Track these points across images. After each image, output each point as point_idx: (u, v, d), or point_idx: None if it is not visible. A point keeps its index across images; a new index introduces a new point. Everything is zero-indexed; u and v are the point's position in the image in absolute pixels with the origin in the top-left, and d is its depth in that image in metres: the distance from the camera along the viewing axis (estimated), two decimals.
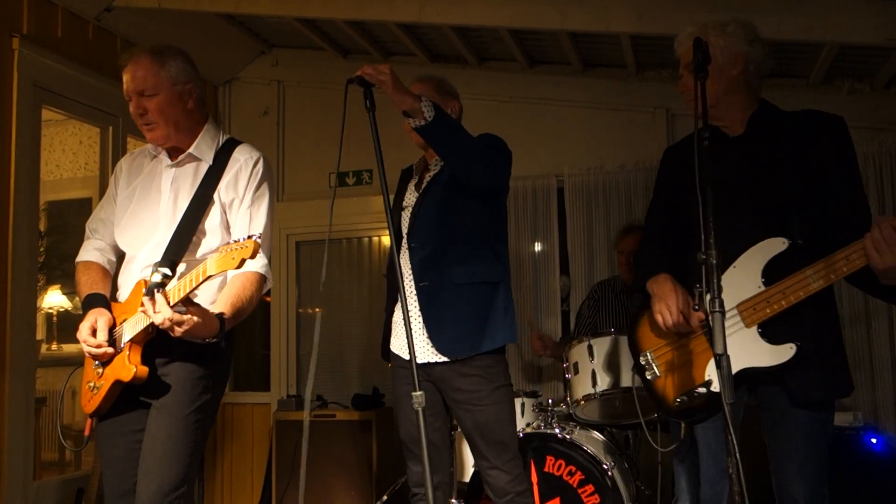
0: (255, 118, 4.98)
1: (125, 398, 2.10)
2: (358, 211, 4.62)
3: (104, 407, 2.12)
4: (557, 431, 3.10)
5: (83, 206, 5.75)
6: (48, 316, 6.06)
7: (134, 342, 2.03)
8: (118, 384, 2.05)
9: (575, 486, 3.02)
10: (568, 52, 4.07)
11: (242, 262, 1.78)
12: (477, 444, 2.42)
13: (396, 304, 2.55)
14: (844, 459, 3.15)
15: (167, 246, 2.10)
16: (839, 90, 3.92)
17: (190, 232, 2.12)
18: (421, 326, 2.42)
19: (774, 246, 1.98)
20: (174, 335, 1.90)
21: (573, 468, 3.03)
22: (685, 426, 2.18)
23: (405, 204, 2.57)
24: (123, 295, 2.19)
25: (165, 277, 1.92)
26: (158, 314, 1.87)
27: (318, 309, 4.94)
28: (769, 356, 1.96)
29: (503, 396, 2.44)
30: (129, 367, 2.00)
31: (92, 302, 2.15)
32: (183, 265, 2.07)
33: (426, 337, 2.41)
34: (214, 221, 2.16)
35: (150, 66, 2.13)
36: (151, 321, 1.92)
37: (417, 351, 2.42)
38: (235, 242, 1.80)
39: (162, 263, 1.98)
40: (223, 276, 2.13)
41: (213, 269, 1.81)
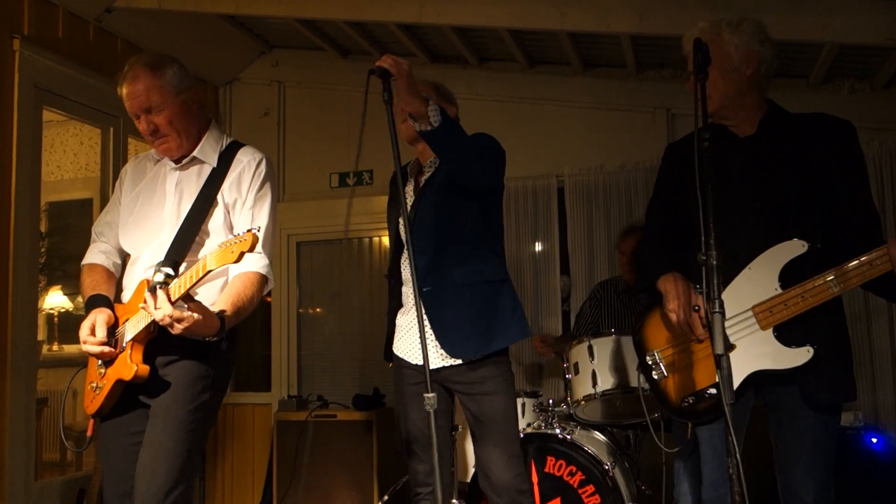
0: (255, 119, 4.98)
1: (127, 399, 2.10)
2: (358, 211, 4.63)
3: (106, 407, 2.12)
4: (558, 432, 3.11)
5: (84, 206, 5.76)
6: (49, 317, 6.06)
7: (136, 341, 2.03)
8: (120, 383, 2.05)
9: (576, 486, 3.03)
10: (568, 52, 4.07)
11: (241, 255, 1.78)
12: (483, 434, 2.40)
13: (400, 308, 2.55)
14: (845, 459, 3.15)
15: (170, 246, 2.11)
16: (839, 90, 3.93)
17: (193, 233, 2.13)
18: (428, 330, 2.41)
19: (793, 248, 1.96)
20: (174, 332, 1.90)
21: (574, 468, 3.04)
22: (691, 427, 2.17)
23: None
24: (127, 296, 2.20)
25: (168, 277, 1.92)
26: (159, 310, 1.87)
27: (318, 309, 4.96)
28: (785, 359, 1.95)
29: (512, 393, 2.45)
30: (130, 365, 2.01)
31: (94, 302, 2.16)
32: (185, 266, 2.07)
33: (434, 340, 2.40)
34: (217, 222, 2.16)
35: (150, 81, 2.11)
36: (153, 319, 1.93)
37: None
38: (235, 237, 1.81)
39: (164, 263, 1.99)
40: (225, 277, 2.14)
41: (212, 263, 1.81)
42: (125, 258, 2.33)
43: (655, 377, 2.17)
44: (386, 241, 4.70)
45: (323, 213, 4.76)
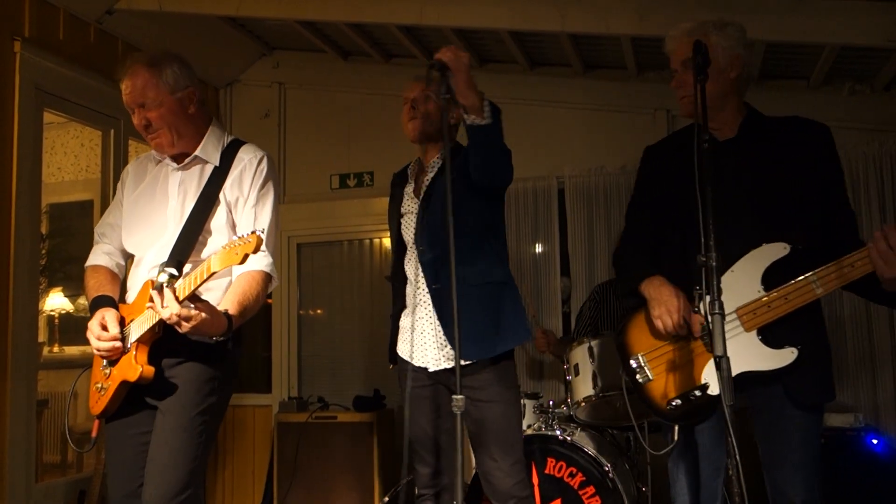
0: (256, 120, 4.98)
1: (132, 400, 2.10)
2: (359, 213, 4.63)
3: (111, 408, 2.12)
4: (558, 433, 3.10)
5: (85, 208, 5.77)
6: (50, 318, 6.06)
7: (141, 342, 2.03)
8: (125, 384, 2.05)
9: (576, 487, 3.02)
10: (568, 53, 4.08)
11: (246, 257, 1.78)
12: (484, 441, 2.39)
13: (404, 310, 2.55)
14: (845, 460, 3.15)
15: (173, 246, 2.11)
16: (840, 91, 3.93)
17: (196, 232, 2.13)
18: (434, 330, 2.41)
19: (775, 251, 1.97)
20: (182, 331, 1.90)
21: (574, 470, 3.03)
22: (677, 429, 2.17)
23: (404, 210, 2.55)
24: (131, 297, 2.20)
25: (172, 277, 1.92)
26: (166, 308, 1.87)
27: (319, 311, 4.96)
28: (769, 360, 1.96)
29: (514, 399, 2.45)
30: (135, 366, 2.01)
31: (99, 303, 2.16)
32: (189, 266, 2.07)
33: (441, 340, 2.40)
34: (220, 221, 2.16)
35: (148, 77, 2.13)
36: (158, 319, 1.93)
37: (431, 359, 2.42)
38: (239, 238, 1.80)
39: (168, 263, 1.99)
40: (230, 277, 2.14)
41: (216, 265, 1.81)
42: (128, 259, 2.33)
43: (640, 380, 2.16)
44: (387, 242, 4.70)
45: (324, 214, 4.76)
